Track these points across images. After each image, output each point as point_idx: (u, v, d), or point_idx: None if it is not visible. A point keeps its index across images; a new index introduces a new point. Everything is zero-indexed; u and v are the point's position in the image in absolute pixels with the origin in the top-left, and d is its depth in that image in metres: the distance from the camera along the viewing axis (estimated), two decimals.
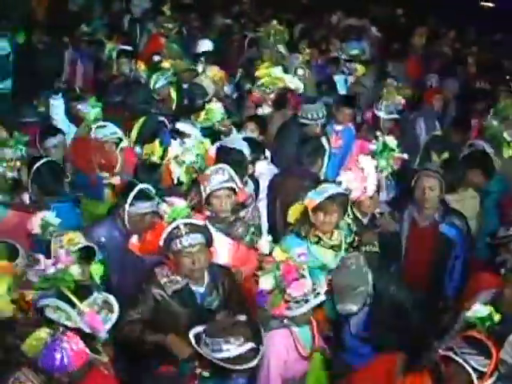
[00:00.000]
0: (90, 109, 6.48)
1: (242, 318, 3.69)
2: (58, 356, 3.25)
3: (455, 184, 6.10)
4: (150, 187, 4.94)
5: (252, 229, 5.19)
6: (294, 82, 7.98)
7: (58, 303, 3.48)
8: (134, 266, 4.80)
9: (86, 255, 4.37)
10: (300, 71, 8.76)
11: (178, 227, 4.12)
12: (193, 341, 3.57)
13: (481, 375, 3.45)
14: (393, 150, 5.96)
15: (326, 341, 4.50)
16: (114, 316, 3.58)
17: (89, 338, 3.45)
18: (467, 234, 5.66)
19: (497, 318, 3.61)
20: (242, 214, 5.31)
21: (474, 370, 3.44)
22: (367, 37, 12.04)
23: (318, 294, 4.00)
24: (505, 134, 7.11)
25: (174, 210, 4.21)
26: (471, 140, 7.45)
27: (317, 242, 4.82)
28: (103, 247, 4.69)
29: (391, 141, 6.00)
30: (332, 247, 4.86)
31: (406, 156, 6.11)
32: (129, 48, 9.08)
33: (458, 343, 3.54)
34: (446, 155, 6.48)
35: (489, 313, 3.61)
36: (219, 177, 4.94)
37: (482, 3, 22.87)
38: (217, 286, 4.32)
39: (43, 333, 3.32)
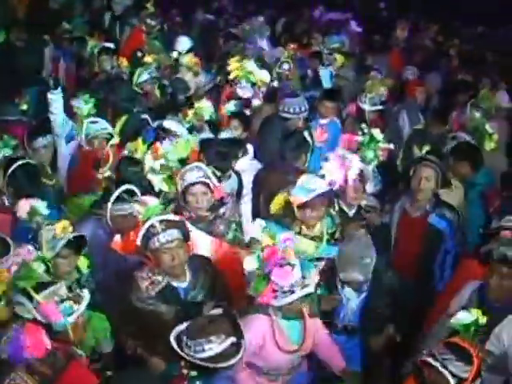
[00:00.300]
0: (84, 104, 6.45)
1: (218, 311, 3.68)
2: (15, 346, 3.33)
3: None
4: (135, 188, 4.92)
5: (233, 225, 5.20)
6: (264, 76, 7.92)
7: (18, 298, 3.62)
8: (116, 265, 4.78)
9: (76, 245, 4.39)
10: (285, 65, 8.76)
11: (153, 225, 4.10)
12: (174, 344, 3.54)
13: (460, 381, 3.46)
14: (379, 142, 5.97)
15: None
16: (81, 308, 3.69)
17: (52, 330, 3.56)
18: (458, 227, 5.67)
19: (483, 321, 3.61)
20: (221, 211, 5.33)
21: (453, 376, 3.45)
22: (347, 31, 11.98)
23: (306, 285, 3.99)
24: (487, 127, 7.10)
25: (148, 209, 4.19)
26: (453, 132, 7.42)
27: (298, 233, 4.87)
28: (88, 246, 4.63)
29: (377, 133, 6.00)
30: (313, 238, 4.91)
31: (392, 146, 6.12)
32: (110, 45, 9.02)
33: (440, 349, 3.55)
34: (426, 148, 6.48)
35: (474, 319, 3.61)
36: (194, 173, 4.97)
37: None
38: (199, 278, 4.32)
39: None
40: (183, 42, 9.70)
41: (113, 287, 4.58)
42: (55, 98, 6.50)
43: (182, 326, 3.59)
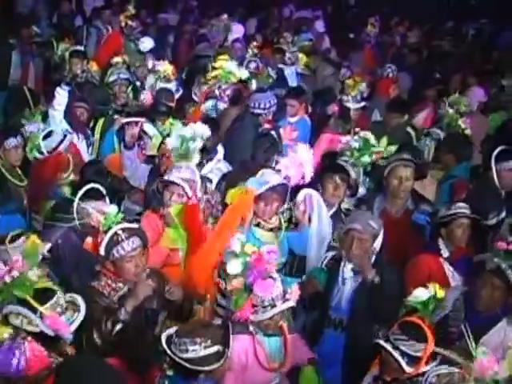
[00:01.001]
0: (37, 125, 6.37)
1: (217, 321, 3.73)
2: (14, 361, 3.26)
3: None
4: (101, 187, 4.89)
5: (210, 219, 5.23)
6: (245, 76, 7.91)
7: (18, 309, 3.44)
8: (90, 265, 4.61)
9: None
10: (252, 64, 8.80)
11: (116, 233, 4.05)
12: (163, 341, 3.53)
13: (414, 360, 3.48)
14: (373, 146, 6.04)
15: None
16: (81, 316, 3.56)
17: (54, 341, 3.45)
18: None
19: (441, 295, 3.62)
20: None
21: (405, 355, 3.47)
22: (314, 29, 12.03)
23: (287, 300, 3.96)
24: (460, 122, 7.20)
25: (108, 218, 4.12)
26: (412, 124, 7.67)
27: (257, 225, 5.00)
28: (60, 248, 4.74)
29: (370, 136, 6.06)
30: (271, 230, 5.02)
31: (382, 149, 6.14)
32: (81, 48, 9.01)
33: (394, 329, 3.57)
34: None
35: (431, 295, 3.61)
36: (181, 172, 4.96)
37: None
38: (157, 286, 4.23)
39: (6, 333, 3.35)
40: (146, 42, 9.70)
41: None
42: (62, 94, 6.44)
43: (175, 328, 3.60)
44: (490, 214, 5.40)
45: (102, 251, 4.07)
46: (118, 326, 3.94)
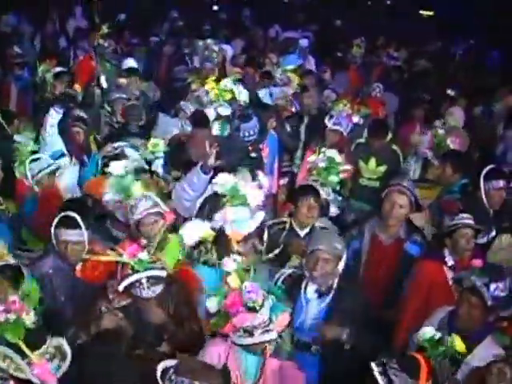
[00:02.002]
0: (27, 141, 6.28)
1: (219, 365, 3.56)
2: None
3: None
4: (77, 216, 4.69)
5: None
6: (243, 93, 7.80)
7: (7, 352, 3.32)
8: (84, 292, 4.60)
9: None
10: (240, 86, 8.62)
11: (140, 281, 4.03)
12: (158, 374, 3.34)
13: None
14: (339, 164, 5.95)
15: None
16: (66, 363, 3.45)
17: None
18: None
19: (461, 348, 3.57)
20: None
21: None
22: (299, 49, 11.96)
23: (268, 330, 3.77)
24: (448, 141, 7.20)
25: (139, 263, 4.07)
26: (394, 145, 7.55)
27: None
28: (52, 278, 4.62)
29: (334, 154, 5.97)
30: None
31: (350, 167, 6.11)
32: (63, 69, 8.95)
33: (393, 358, 3.47)
34: (372, 162, 6.38)
35: (439, 336, 3.58)
36: (142, 205, 4.85)
37: (422, 11, 23.31)
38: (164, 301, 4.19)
39: None
40: (129, 64, 9.56)
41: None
42: (55, 116, 6.30)
43: (174, 362, 3.42)
44: (480, 234, 5.28)
45: (120, 288, 4.03)
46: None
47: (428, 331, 3.62)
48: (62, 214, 4.68)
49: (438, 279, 4.85)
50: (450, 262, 4.93)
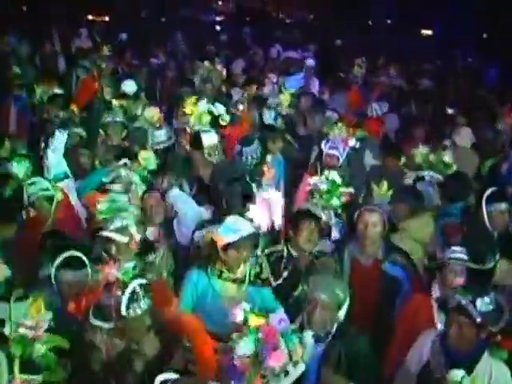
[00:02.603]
0: (18, 166, 6.24)
1: None
2: None
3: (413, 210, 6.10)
4: (81, 254, 4.64)
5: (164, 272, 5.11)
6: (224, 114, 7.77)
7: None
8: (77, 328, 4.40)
9: None
10: (240, 106, 8.68)
11: (135, 291, 3.86)
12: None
13: None
14: (340, 186, 5.92)
15: None
16: None
17: None
18: (413, 270, 5.46)
19: None
20: (150, 258, 5.30)
21: None
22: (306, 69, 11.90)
23: (297, 362, 3.52)
24: (445, 157, 7.17)
25: (126, 272, 3.93)
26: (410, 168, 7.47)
27: (219, 276, 4.75)
28: None
29: (336, 176, 5.94)
30: (234, 281, 4.76)
31: (352, 190, 6.04)
32: (58, 92, 8.95)
33: None
34: (385, 185, 6.36)
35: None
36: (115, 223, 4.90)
37: (423, 31, 23.44)
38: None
39: None
40: (129, 85, 9.52)
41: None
42: (60, 139, 6.29)
43: (173, 376, 3.38)
44: (487, 259, 5.22)
45: (123, 311, 3.83)
46: None
47: (457, 374, 3.57)
48: (66, 254, 4.58)
49: (423, 311, 4.76)
50: (436, 294, 4.80)
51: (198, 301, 4.75)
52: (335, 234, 5.93)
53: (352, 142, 7.41)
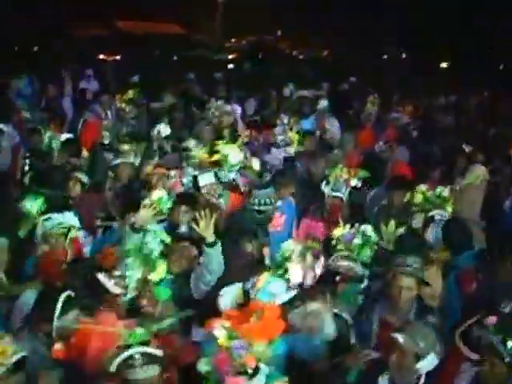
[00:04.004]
0: (32, 203, 6.13)
1: None
2: None
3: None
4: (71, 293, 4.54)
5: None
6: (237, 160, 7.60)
7: None
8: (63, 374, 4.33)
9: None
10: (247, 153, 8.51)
11: (133, 357, 3.71)
12: None
13: None
14: (373, 239, 5.76)
15: None
16: None
17: None
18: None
19: None
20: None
21: None
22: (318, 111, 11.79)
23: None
24: (444, 193, 7.01)
25: (133, 335, 3.78)
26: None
27: None
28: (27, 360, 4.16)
29: (369, 230, 5.77)
30: None
31: (385, 244, 5.92)
32: (70, 136, 8.95)
33: None
34: (392, 224, 6.15)
35: None
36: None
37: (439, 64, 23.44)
38: None
39: None
40: (164, 128, 9.52)
41: None
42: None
43: None
44: (503, 303, 4.92)
45: (112, 369, 3.70)
46: None
47: None
48: (64, 296, 4.48)
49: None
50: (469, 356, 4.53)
51: None
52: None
53: (353, 183, 7.30)
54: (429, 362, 4.08)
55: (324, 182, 7.21)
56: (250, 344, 3.62)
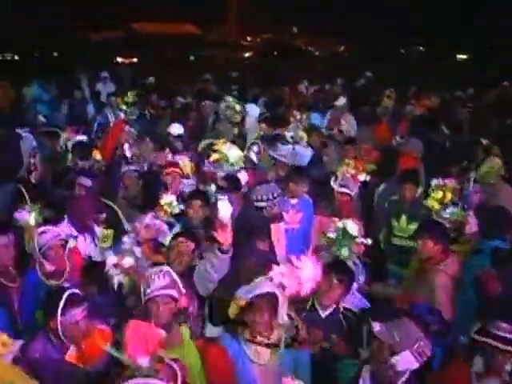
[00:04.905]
0: (28, 215, 6.07)
1: None
2: None
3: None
4: (77, 291, 4.55)
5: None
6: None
7: None
8: (73, 377, 4.43)
9: None
10: (255, 147, 8.53)
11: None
12: None
13: None
14: (354, 237, 5.60)
15: None
16: None
17: None
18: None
19: None
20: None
21: None
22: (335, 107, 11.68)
23: None
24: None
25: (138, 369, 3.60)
26: None
27: (252, 341, 4.34)
28: (38, 363, 4.37)
29: (351, 227, 5.61)
30: (268, 345, 4.35)
31: (369, 241, 5.69)
32: (83, 138, 8.89)
33: None
34: (403, 219, 6.07)
35: None
36: (159, 281, 4.46)
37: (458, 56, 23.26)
38: None
39: None
40: (176, 128, 9.62)
41: None
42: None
43: None
44: None
45: None
46: None
47: None
48: (67, 293, 4.46)
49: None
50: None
51: None
52: (360, 279, 5.67)
53: (362, 177, 7.20)
54: (404, 359, 3.72)
55: (333, 178, 7.12)
56: None
